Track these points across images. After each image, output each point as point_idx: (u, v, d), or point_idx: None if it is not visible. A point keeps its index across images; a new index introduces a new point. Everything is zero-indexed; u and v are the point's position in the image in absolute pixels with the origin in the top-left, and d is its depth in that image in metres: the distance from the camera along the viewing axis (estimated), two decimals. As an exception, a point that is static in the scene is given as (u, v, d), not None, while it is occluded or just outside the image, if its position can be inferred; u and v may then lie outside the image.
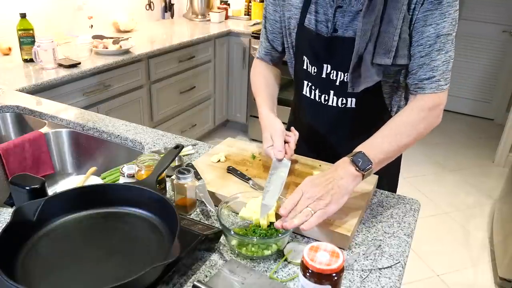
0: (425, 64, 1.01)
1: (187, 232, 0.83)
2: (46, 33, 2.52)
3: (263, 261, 0.86)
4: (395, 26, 0.99)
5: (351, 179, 0.91)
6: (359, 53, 1.03)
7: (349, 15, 1.05)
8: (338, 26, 1.07)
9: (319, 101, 1.18)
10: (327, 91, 1.16)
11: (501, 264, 2.27)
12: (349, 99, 1.14)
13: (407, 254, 0.90)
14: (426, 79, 1.02)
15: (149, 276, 0.71)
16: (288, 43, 1.23)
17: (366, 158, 0.93)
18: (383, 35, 1.01)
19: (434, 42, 0.99)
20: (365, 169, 0.92)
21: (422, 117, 1.01)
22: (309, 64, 1.16)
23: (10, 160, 1.36)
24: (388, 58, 1.02)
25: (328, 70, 1.13)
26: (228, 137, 1.34)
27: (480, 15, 4.20)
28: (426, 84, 1.02)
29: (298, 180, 1.08)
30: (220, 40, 3.35)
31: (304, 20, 1.13)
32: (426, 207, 2.92)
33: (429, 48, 1.00)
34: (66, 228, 0.86)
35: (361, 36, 1.01)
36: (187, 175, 0.95)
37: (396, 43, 1.00)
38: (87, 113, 1.55)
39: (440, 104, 1.03)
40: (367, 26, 1.00)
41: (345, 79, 1.10)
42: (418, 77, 1.03)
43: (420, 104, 1.03)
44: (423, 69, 1.02)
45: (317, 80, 1.16)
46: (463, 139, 4.04)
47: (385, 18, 0.99)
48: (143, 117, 2.75)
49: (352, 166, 0.92)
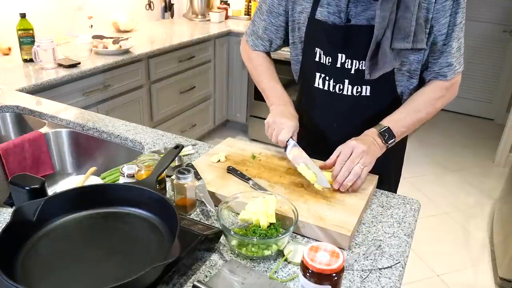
0: (446, 51, 1.11)
1: (187, 232, 0.83)
2: (46, 33, 2.52)
3: (263, 261, 0.86)
4: (412, 12, 1.03)
5: (379, 148, 1.08)
6: (378, 39, 1.07)
7: (362, 5, 1.09)
8: (351, 16, 1.11)
9: (333, 91, 1.21)
10: (341, 80, 1.18)
11: (501, 264, 2.27)
12: (364, 87, 1.17)
13: (407, 254, 0.90)
14: (446, 66, 1.12)
15: (149, 276, 0.71)
16: (294, 38, 1.25)
17: (392, 133, 1.09)
18: (401, 21, 1.05)
19: (452, 30, 1.08)
20: (389, 143, 1.09)
21: (440, 95, 1.15)
22: (323, 55, 1.18)
23: (10, 160, 1.36)
24: (408, 43, 1.06)
25: (343, 60, 1.15)
26: (228, 137, 1.34)
27: (480, 15, 4.20)
28: (446, 72, 1.12)
29: (298, 180, 1.08)
30: (220, 40, 3.35)
31: (315, 13, 1.15)
32: (426, 207, 2.92)
33: (449, 37, 1.09)
34: (66, 228, 0.86)
35: (380, 22, 1.04)
36: (187, 175, 0.95)
37: (413, 28, 1.05)
38: (87, 113, 1.55)
39: (456, 82, 1.16)
40: (385, 12, 1.03)
41: (361, 67, 1.14)
42: (439, 65, 1.12)
43: (439, 84, 1.14)
44: (444, 57, 1.11)
45: (332, 70, 1.18)
46: (463, 139, 4.04)
47: (402, 5, 1.04)
48: (143, 117, 2.75)
49: (379, 138, 1.08)
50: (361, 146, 1.03)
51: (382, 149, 1.09)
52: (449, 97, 1.17)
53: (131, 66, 2.53)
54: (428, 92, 1.15)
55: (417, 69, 1.15)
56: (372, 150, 1.05)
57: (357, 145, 1.04)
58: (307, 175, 1.05)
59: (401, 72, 1.16)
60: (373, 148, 1.06)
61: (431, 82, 1.15)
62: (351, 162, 1.02)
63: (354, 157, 1.02)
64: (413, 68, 1.15)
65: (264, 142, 1.45)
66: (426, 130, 4.07)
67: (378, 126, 1.11)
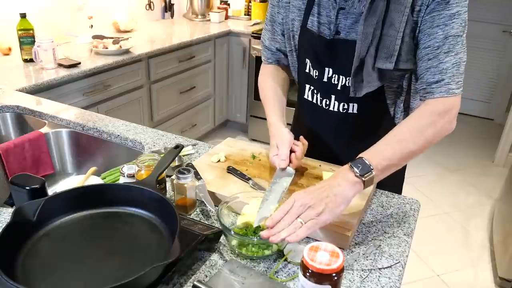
0: (433, 67, 0.96)
1: (187, 232, 0.83)
2: (46, 33, 2.52)
3: (263, 261, 0.86)
4: (397, 30, 0.97)
5: (349, 186, 0.85)
6: (361, 56, 1.01)
7: (351, 17, 1.04)
8: (340, 28, 1.06)
9: (320, 106, 1.16)
10: (328, 95, 1.13)
11: (501, 264, 2.27)
12: (351, 104, 1.11)
13: (407, 254, 0.90)
14: (434, 83, 0.97)
15: (149, 276, 0.71)
16: (291, 46, 1.20)
17: (367, 164, 0.87)
18: (385, 38, 0.98)
19: (442, 43, 0.95)
20: (364, 175, 0.86)
21: (430, 122, 0.94)
22: (311, 67, 1.15)
23: (10, 160, 1.36)
24: (390, 63, 0.99)
25: (330, 74, 1.11)
26: (228, 137, 1.34)
27: (480, 15, 4.20)
28: (434, 88, 0.97)
29: (298, 180, 1.08)
30: (220, 40, 3.35)
31: (306, 22, 1.11)
32: (426, 207, 2.92)
33: (437, 50, 0.96)
34: (66, 228, 0.86)
35: (363, 39, 0.99)
36: (187, 175, 0.95)
37: (398, 47, 0.98)
38: (87, 113, 1.55)
39: (452, 109, 0.96)
40: (368, 28, 0.98)
41: (347, 83, 1.08)
42: (426, 81, 0.98)
43: (428, 108, 0.97)
44: (431, 72, 0.97)
45: (319, 84, 1.14)
46: (463, 139, 4.04)
47: (387, 21, 0.97)
48: (143, 117, 2.75)
49: (351, 173, 0.87)
50: (302, 199, 0.83)
51: (357, 184, 0.86)
52: (443, 127, 0.96)
53: (131, 66, 2.53)
54: (416, 118, 0.96)
55: (409, 86, 1.08)
56: (330, 198, 0.83)
57: (299, 197, 0.83)
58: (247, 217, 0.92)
59: (392, 90, 1.09)
60: (335, 190, 0.84)
61: (421, 107, 0.99)
62: (288, 217, 0.81)
63: (293, 212, 0.81)
64: (405, 85, 1.08)
65: (264, 142, 1.45)
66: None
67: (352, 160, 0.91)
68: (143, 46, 2.69)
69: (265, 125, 1.18)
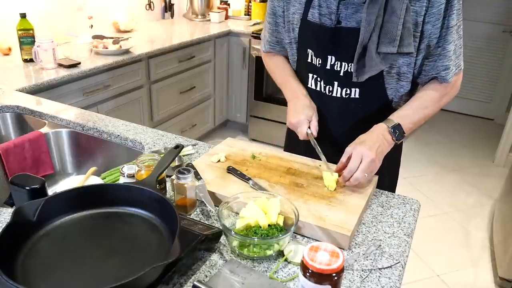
0: (442, 55, 1.09)
1: (187, 232, 0.83)
2: (46, 33, 2.52)
3: (263, 261, 0.86)
4: (398, 16, 1.04)
5: (388, 147, 1.07)
6: (364, 43, 1.07)
7: (352, 7, 1.09)
8: (341, 18, 1.11)
9: (324, 92, 1.22)
10: (331, 82, 1.19)
11: (501, 264, 2.27)
12: (353, 89, 1.18)
13: (407, 254, 0.90)
14: (443, 70, 1.11)
15: (149, 276, 0.71)
16: (290, 39, 1.26)
17: (402, 130, 1.09)
18: (387, 25, 1.05)
19: (446, 33, 1.07)
20: (399, 140, 1.09)
21: (444, 93, 1.15)
22: (314, 56, 1.20)
23: (10, 160, 1.36)
24: (393, 47, 1.06)
25: (332, 61, 1.16)
26: (228, 137, 1.34)
27: (480, 15, 4.19)
28: (444, 75, 1.12)
29: (298, 180, 1.08)
30: (220, 40, 3.35)
31: (307, 15, 1.16)
32: (426, 207, 2.92)
33: (444, 40, 1.08)
34: (66, 228, 0.86)
35: (366, 26, 1.05)
36: (187, 175, 0.95)
37: (400, 32, 1.05)
38: (87, 113, 1.55)
39: (458, 79, 1.16)
40: (371, 16, 1.04)
41: (349, 69, 1.15)
42: (437, 69, 1.12)
43: (443, 83, 1.14)
44: (441, 61, 1.10)
45: (322, 72, 1.20)
46: (463, 139, 4.04)
47: (388, 8, 1.04)
48: (143, 117, 2.75)
49: (389, 135, 1.08)
50: (370, 154, 1.01)
51: (390, 146, 1.08)
52: (453, 94, 1.17)
53: (131, 66, 2.53)
54: (432, 90, 1.15)
55: (407, 72, 1.14)
56: (380, 151, 1.04)
57: (366, 154, 1.02)
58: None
59: (390, 75, 1.15)
60: (381, 148, 1.05)
61: (432, 82, 1.15)
62: (360, 172, 1.01)
63: (364, 167, 1.01)
64: (403, 71, 1.15)
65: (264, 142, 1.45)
66: (425, 130, 4.07)
67: (388, 121, 1.11)
68: (143, 46, 2.69)
69: (265, 125, 1.19)
